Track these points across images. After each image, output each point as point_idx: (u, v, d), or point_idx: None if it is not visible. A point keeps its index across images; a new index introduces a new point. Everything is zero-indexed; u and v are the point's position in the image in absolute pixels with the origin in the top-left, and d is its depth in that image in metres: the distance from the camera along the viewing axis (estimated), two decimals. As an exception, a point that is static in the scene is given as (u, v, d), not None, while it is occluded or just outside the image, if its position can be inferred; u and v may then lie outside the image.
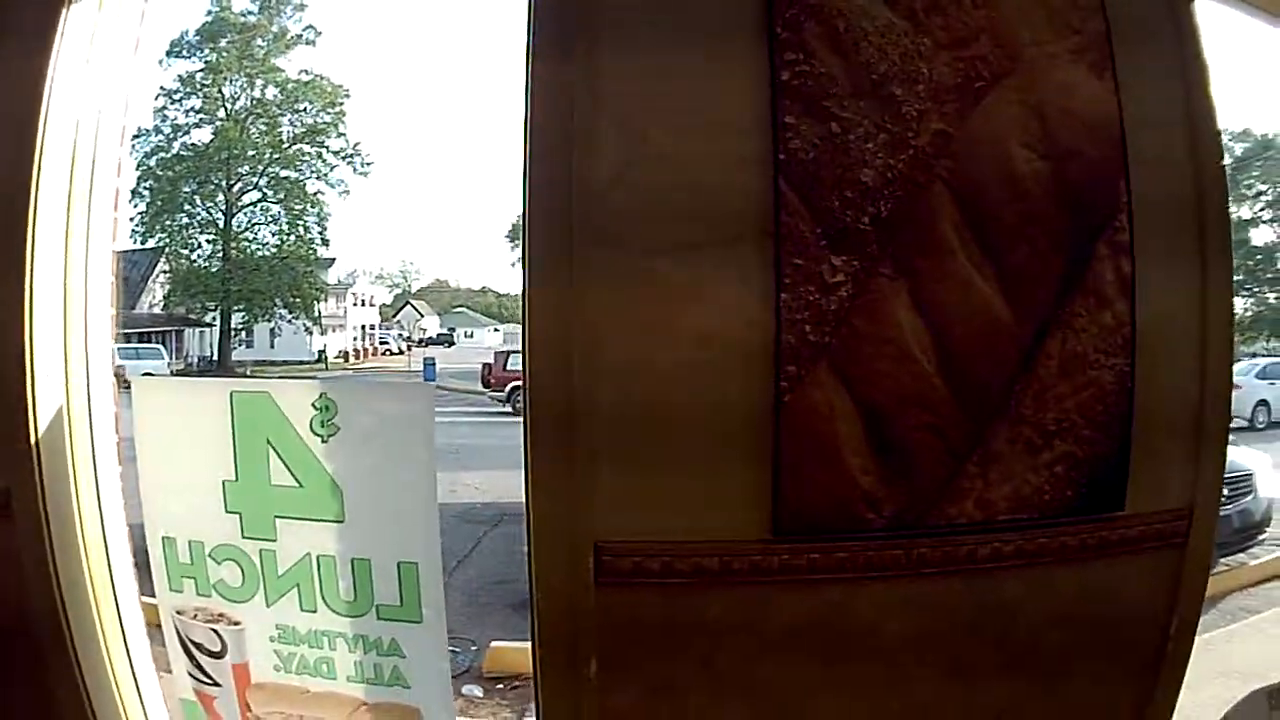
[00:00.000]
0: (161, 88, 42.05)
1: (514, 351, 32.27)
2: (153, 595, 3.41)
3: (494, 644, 7.91)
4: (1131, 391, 2.62)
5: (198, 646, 3.30)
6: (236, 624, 3.23)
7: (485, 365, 32.90)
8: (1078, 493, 2.63)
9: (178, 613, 3.30)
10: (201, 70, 43.38)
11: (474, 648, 7.97)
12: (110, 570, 3.42)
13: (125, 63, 3.49)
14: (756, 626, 2.62)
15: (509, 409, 29.06)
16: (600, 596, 2.57)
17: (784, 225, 2.48)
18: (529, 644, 2.71)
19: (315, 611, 3.10)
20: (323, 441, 3.00)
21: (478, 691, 7.27)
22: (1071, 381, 2.58)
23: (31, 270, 3.13)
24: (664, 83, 2.56)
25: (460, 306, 65.13)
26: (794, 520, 2.54)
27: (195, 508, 3.19)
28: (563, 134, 2.55)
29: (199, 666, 3.32)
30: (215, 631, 3.25)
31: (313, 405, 2.99)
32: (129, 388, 3.33)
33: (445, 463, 19.78)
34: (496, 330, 61.80)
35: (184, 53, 43.08)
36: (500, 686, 7.44)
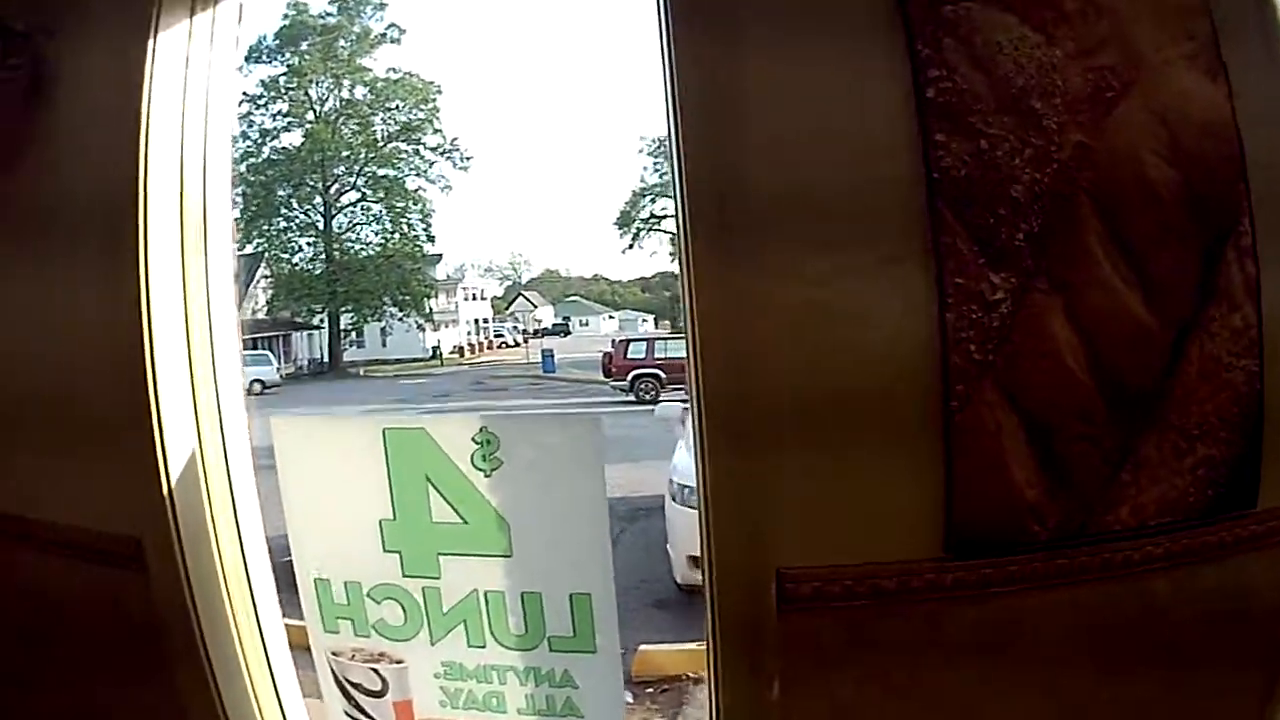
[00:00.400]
0: (244, 93, 42.69)
1: (634, 339, 32.91)
2: (292, 618, 3.50)
3: (642, 647, 7.91)
4: (1261, 392, 2.64)
5: (356, 686, 3.34)
6: (399, 662, 3.27)
7: (605, 354, 33.00)
8: (1217, 493, 2.65)
9: (334, 654, 3.34)
10: (285, 74, 44.17)
11: (621, 651, 7.76)
12: (254, 604, 3.47)
13: (227, 62, 3.55)
14: (932, 641, 2.68)
15: (632, 397, 29.27)
16: (782, 623, 2.64)
17: (943, 245, 2.52)
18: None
19: (484, 647, 3.15)
20: (485, 476, 3.03)
21: (628, 696, 7.15)
22: (1209, 385, 2.60)
23: (149, 297, 3.19)
24: (808, 100, 2.62)
25: (573, 295, 64.80)
26: (966, 537, 2.60)
27: (349, 548, 3.23)
28: (714, 134, 2.64)
29: (357, 706, 3.36)
30: (375, 671, 3.29)
31: (473, 440, 3.01)
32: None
33: (573, 459, 19.80)
34: (611, 318, 61.61)
35: (264, 57, 43.89)
36: (650, 690, 7.49)
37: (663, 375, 29.54)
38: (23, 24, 3.36)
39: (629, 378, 30.22)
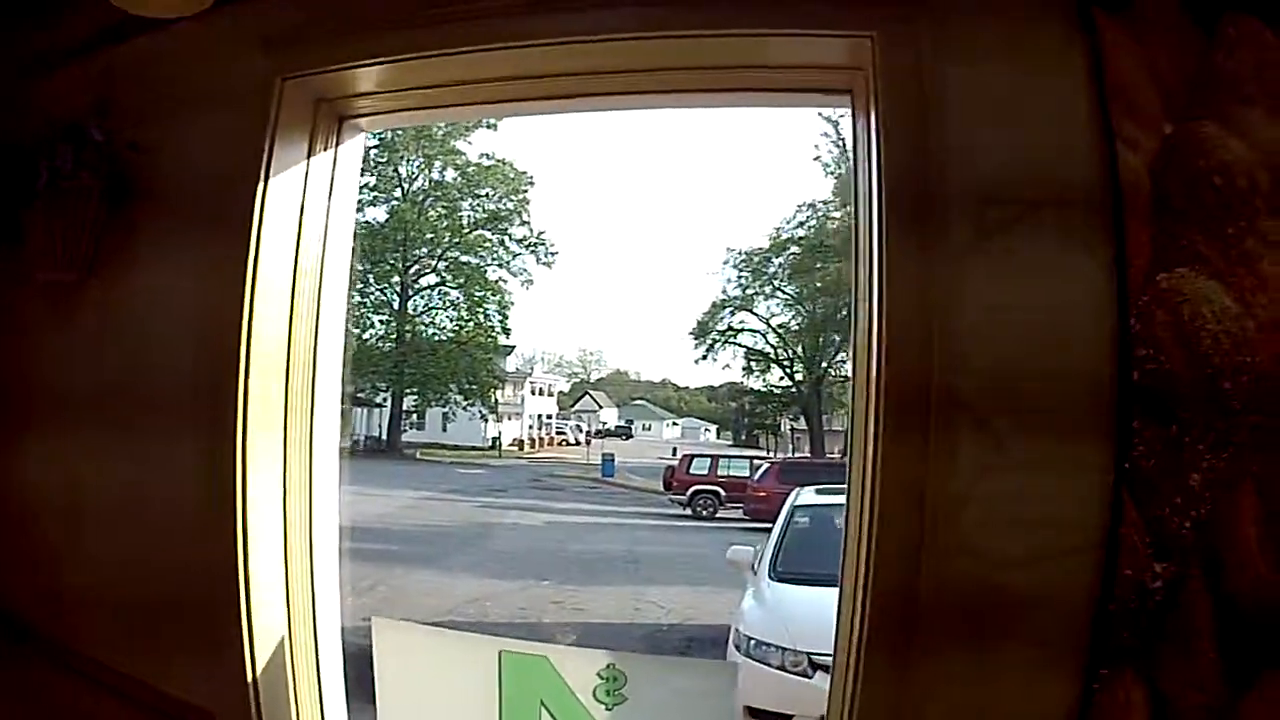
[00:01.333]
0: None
1: (698, 455, 33.11)
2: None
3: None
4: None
5: None
6: None
7: (669, 468, 33.14)
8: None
9: None
10: (376, 147, 43.50)
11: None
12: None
13: (346, 202, 3.60)
14: None
15: (688, 512, 29.64)
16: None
17: (1123, 539, 2.44)
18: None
19: None
20: (606, 710, 2.91)
21: None
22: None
23: (245, 476, 3.06)
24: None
25: (639, 398, 65.17)
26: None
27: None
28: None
29: None
30: None
31: (598, 675, 2.90)
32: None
33: (627, 574, 19.73)
34: (675, 424, 62.19)
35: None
36: None
37: (722, 493, 29.84)
38: (101, 134, 3.32)
39: (688, 492, 30.43)
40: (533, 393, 52.76)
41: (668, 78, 3.09)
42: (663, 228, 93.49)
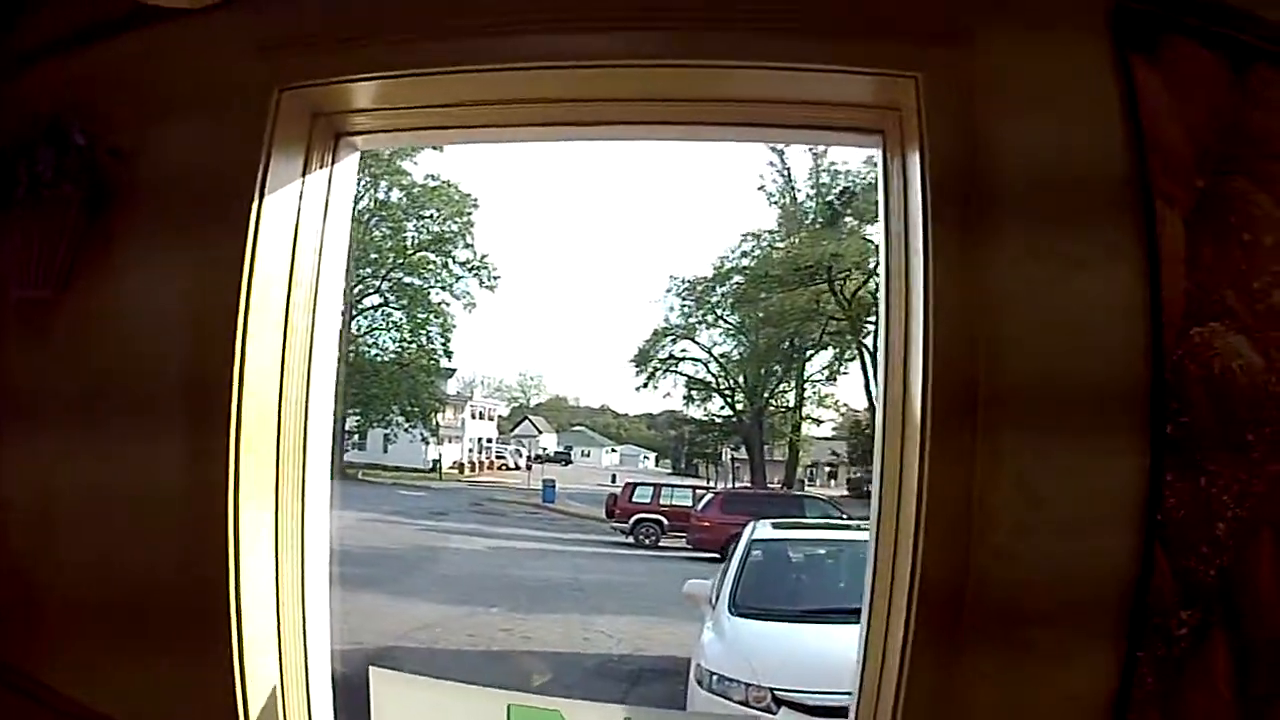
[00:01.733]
0: (274, 180, 42.92)
1: (641, 483, 32.92)
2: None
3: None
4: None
5: None
6: None
7: (611, 496, 32.89)
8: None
9: None
10: (322, 165, 43.34)
11: None
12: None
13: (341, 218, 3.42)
14: None
15: (631, 540, 29.43)
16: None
17: (1152, 589, 2.47)
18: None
19: None
20: (625, 761, 2.83)
21: None
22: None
23: (238, 496, 2.98)
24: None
25: (579, 424, 64.84)
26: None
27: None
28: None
29: None
30: None
31: (615, 727, 2.82)
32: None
33: (574, 602, 19.58)
34: (614, 451, 61.88)
35: (301, 149, 43.48)
36: None
37: (665, 522, 29.67)
38: (84, 138, 3.21)
39: (631, 520, 30.21)
40: (473, 416, 52.40)
41: (688, 109, 3.05)
42: (606, 254, 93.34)
